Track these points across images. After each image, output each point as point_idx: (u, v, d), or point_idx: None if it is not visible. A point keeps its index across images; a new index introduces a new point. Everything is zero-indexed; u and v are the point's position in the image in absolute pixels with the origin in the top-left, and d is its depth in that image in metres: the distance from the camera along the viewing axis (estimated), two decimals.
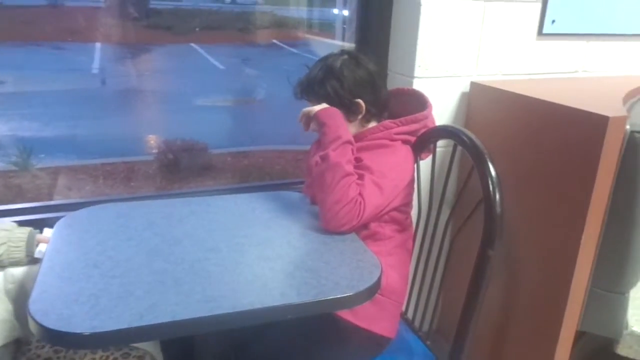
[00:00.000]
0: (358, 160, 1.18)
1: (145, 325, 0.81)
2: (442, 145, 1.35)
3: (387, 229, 1.21)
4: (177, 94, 7.41)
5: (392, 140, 1.22)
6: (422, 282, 1.39)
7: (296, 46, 11.29)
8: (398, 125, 1.22)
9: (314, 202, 1.30)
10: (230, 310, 0.86)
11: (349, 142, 1.16)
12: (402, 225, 1.26)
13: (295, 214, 1.23)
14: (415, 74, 1.46)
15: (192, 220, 1.18)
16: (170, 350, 1.24)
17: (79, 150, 4.27)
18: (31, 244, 1.20)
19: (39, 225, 1.26)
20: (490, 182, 1.06)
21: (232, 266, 0.99)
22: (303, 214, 1.24)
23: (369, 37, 1.55)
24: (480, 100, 1.51)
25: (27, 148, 3.84)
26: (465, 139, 1.17)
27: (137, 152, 4.47)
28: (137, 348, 1.16)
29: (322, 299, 0.90)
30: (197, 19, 13.87)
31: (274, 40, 11.94)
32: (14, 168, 3.53)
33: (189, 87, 7.90)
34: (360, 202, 1.09)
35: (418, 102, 1.29)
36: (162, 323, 0.82)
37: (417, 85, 1.46)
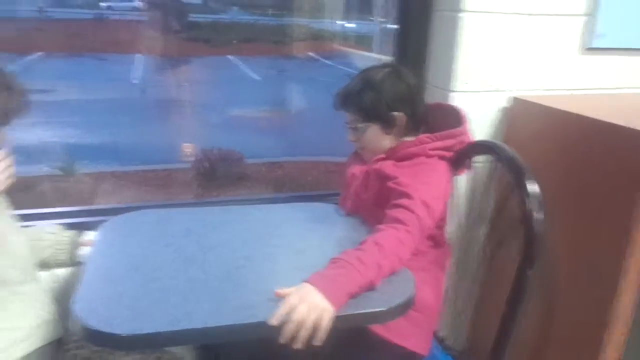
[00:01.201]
0: (393, 178, 1.16)
1: (181, 330, 0.83)
2: (479, 161, 1.34)
3: (422, 245, 1.19)
4: (214, 104, 7.57)
5: (428, 156, 1.21)
6: (456, 299, 1.36)
7: (331, 58, 11.38)
8: (433, 141, 1.21)
9: (349, 214, 1.30)
10: (265, 320, 0.86)
11: (368, 281, 0.97)
12: (437, 242, 1.24)
13: (330, 226, 1.24)
14: (454, 88, 1.45)
15: (228, 229, 1.19)
16: (205, 355, 1.26)
17: (120, 157, 4.40)
18: (75, 246, 1.24)
19: (83, 228, 1.30)
20: (530, 200, 1.04)
21: (267, 275, 1.00)
22: (338, 225, 1.25)
23: (407, 50, 1.54)
24: (521, 115, 1.49)
25: (72, 154, 4.00)
26: (504, 155, 1.15)
27: (174, 159, 4.59)
28: (171, 352, 1.18)
29: (355, 312, 0.90)
30: (235, 32, 14.20)
31: (309, 53, 12.08)
32: (59, 173, 3.67)
33: (225, 98, 8.08)
34: (406, 230, 1.05)
35: (455, 118, 1.28)
36: (198, 329, 0.83)
37: (456, 99, 1.45)
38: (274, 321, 0.85)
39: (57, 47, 10.77)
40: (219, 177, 3.74)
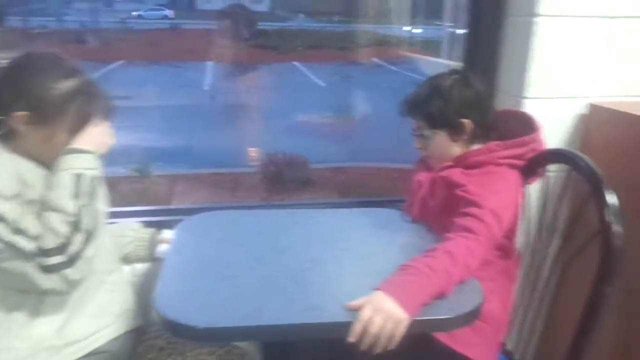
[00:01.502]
0: (462, 186, 1.15)
1: (251, 326, 0.87)
2: (553, 170, 1.29)
3: (490, 255, 1.16)
4: (280, 109, 7.75)
5: (497, 164, 1.18)
6: (526, 312, 1.32)
7: (397, 64, 11.31)
8: (502, 149, 1.19)
9: (415, 221, 1.30)
10: (331, 320, 0.89)
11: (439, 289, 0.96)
12: (506, 252, 1.21)
13: (394, 232, 1.24)
14: (527, 95, 1.41)
15: (296, 231, 1.23)
16: (271, 352, 1.30)
17: (191, 160, 4.62)
18: (153, 243, 1.32)
19: (158, 226, 1.39)
20: (608, 211, 1.00)
21: (333, 278, 1.02)
22: (403, 231, 1.25)
23: (477, 56, 1.52)
24: (598, 123, 1.42)
25: (147, 157, 4.24)
26: (580, 163, 1.11)
27: (241, 163, 4.75)
28: (238, 346, 1.23)
29: (420, 319, 0.90)
30: (301, 39, 14.46)
31: (375, 59, 12.07)
32: (135, 174, 3.91)
33: (290, 104, 8.25)
34: (476, 239, 1.04)
35: (527, 125, 1.24)
36: (267, 325, 0.87)
37: (528, 105, 1.41)
38: (352, 338, 0.87)
39: (136, 56, 11.47)
40: (285, 181, 3.83)
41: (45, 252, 0.92)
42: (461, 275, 0.99)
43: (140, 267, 1.36)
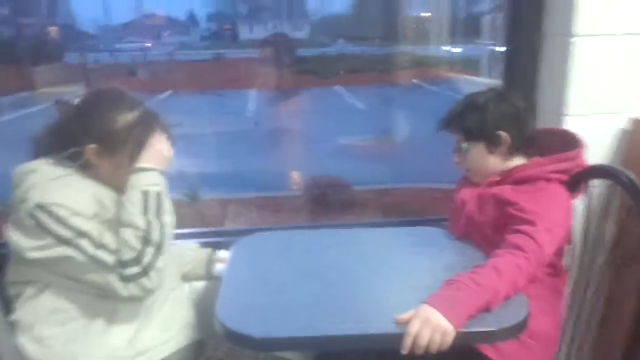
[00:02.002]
0: (514, 204, 1.16)
1: (305, 337, 0.94)
2: (596, 185, 1.30)
3: (539, 272, 1.17)
4: (322, 133, 7.88)
5: (548, 180, 1.20)
6: (574, 329, 1.32)
7: (437, 84, 11.30)
8: (551, 163, 1.20)
9: (460, 238, 1.33)
10: (379, 332, 0.94)
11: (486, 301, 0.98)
12: (556, 269, 1.22)
13: (439, 248, 1.28)
14: (567, 112, 1.43)
15: (343, 249, 1.29)
16: None
17: (236, 184, 4.77)
18: (211, 263, 1.42)
19: (211, 246, 1.47)
20: None
21: (381, 293, 1.07)
22: (447, 248, 1.29)
23: (517, 75, 1.55)
24: None
25: (196, 182, 4.43)
26: (624, 179, 1.12)
27: (285, 187, 4.87)
28: None
29: (466, 330, 0.94)
30: (341, 63, 14.72)
31: (414, 80, 12.11)
32: (185, 199, 4.09)
33: (332, 127, 8.37)
34: (525, 257, 1.05)
35: (568, 142, 1.26)
36: (319, 336, 0.94)
37: (569, 123, 1.43)
38: (404, 351, 0.91)
39: (183, 86, 12.00)
40: (328, 204, 3.90)
41: (123, 264, 1.02)
42: (507, 291, 1.01)
43: (198, 284, 1.45)
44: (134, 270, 1.03)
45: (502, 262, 1.04)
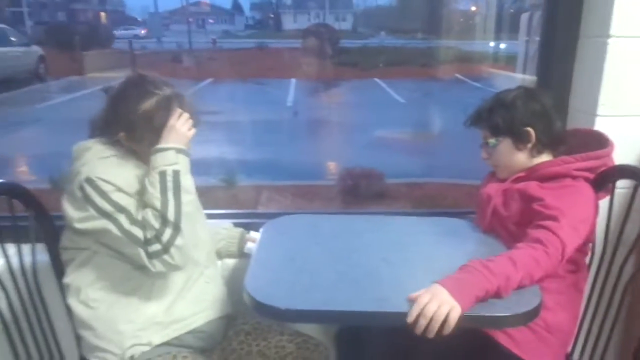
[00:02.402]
0: (539, 199, 1.18)
1: (328, 310, 1.01)
2: (621, 186, 1.31)
3: (561, 269, 1.19)
4: (360, 125, 7.90)
5: (573, 177, 1.21)
6: (591, 324, 1.34)
7: (480, 80, 11.08)
8: (578, 161, 1.21)
9: (485, 232, 1.35)
10: (396, 310, 1.00)
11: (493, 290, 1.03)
12: (577, 265, 1.24)
13: (463, 239, 1.32)
14: (598, 112, 1.43)
15: (370, 235, 1.35)
16: (343, 345, 1.42)
17: (274, 172, 4.89)
18: (242, 241, 1.50)
19: (245, 227, 1.56)
20: None
21: (402, 276, 1.13)
22: (471, 239, 1.33)
23: (551, 73, 1.56)
24: None
25: (233, 168, 4.57)
26: None
27: (320, 176, 4.95)
28: (314, 337, 1.37)
29: (483, 314, 0.99)
30: (382, 56, 14.63)
31: (457, 75, 11.91)
32: (222, 184, 4.24)
33: (370, 119, 8.37)
34: (544, 251, 1.07)
35: (597, 142, 1.27)
36: (339, 311, 1.01)
37: (600, 123, 1.43)
38: (409, 319, 0.97)
39: (225, 74, 12.22)
40: (360, 195, 3.95)
41: (147, 242, 1.10)
42: (521, 281, 1.04)
43: (230, 262, 1.54)
44: (155, 247, 1.10)
45: (519, 254, 1.08)
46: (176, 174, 1.14)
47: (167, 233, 1.11)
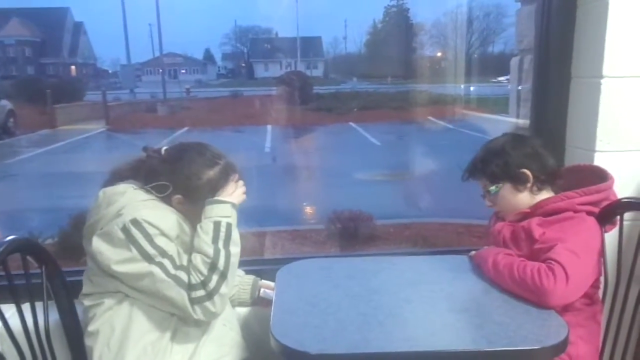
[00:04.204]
0: (541, 235, 1.22)
1: (359, 353, 1.00)
2: (629, 219, 1.36)
3: (577, 302, 1.22)
4: (338, 168, 8.00)
5: (576, 211, 1.25)
6: (611, 357, 1.35)
7: (452, 122, 11.44)
8: (580, 195, 1.26)
9: None
10: (425, 349, 1.00)
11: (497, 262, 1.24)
12: (592, 299, 1.26)
13: (476, 275, 1.33)
14: (597, 148, 1.49)
15: (384, 275, 1.36)
16: None
17: (258, 218, 4.86)
18: (255, 288, 1.49)
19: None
20: None
21: (425, 315, 1.14)
22: (484, 275, 1.34)
23: (546, 112, 1.63)
24: None
25: None
26: None
27: (305, 221, 4.94)
28: None
29: (512, 348, 1.00)
30: (356, 101, 15.01)
31: (429, 117, 12.28)
32: None
33: (348, 163, 8.49)
34: (546, 268, 1.12)
35: (597, 177, 1.31)
36: (371, 353, 1.00)
37: (599, 158, 1.49)
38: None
39: (201, 122, 12.28)
40: (350, 237, 3.96)
41: (191, 287, 1.11)
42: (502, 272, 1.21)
43: (242, 310, 1.52)
44: (199, 293, 1.11)
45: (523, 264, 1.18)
46: (229, 226, 1.19)
47: (214, 280, 1.12)
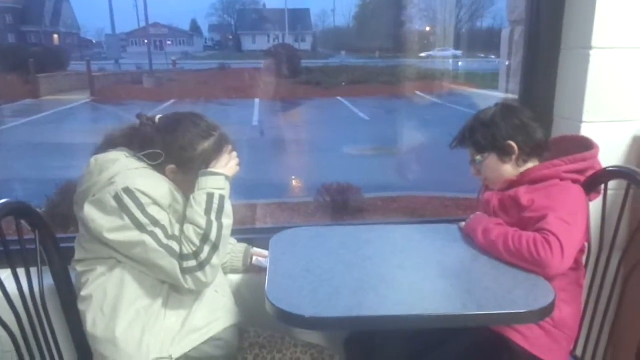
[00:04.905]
0: (529, 201, 1.26)
1: (351, 316, 1.02)
2: (612, 187, 1.39)
3: None
4: (326, 142, 8.00)
5: (562, 179, 1.29)
6: (592, 320, 1.41)
7: (440, 97, 11.44)
8: (566, 163, 1.29)
9: None
10: (417, 313, 1.03)
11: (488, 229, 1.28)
12: (577, 263, 1.30)
13: (466, 243, 1.36)
14: (584, 119, 1.53)
15: (376, 243, 1.38)
16: (353, 352, 1.43)
17: (248, 191, 4.87)
18: (247, 256, 1.51)
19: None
20: None
21: (417, 280, 1.16)
22: (474, 243, 1.37)
23: (535, 84, 1.65)
24: None
25: None
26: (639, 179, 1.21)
27: (293, 194, 4.96)
28: (326, 347, 1.38)
29: (501, 311, 1.03)
30: (343, 75, 14.87)
31: (417, 92, 12.26)
32: None
33: (336, 137, 8.48)
34: (542, 239, 1.14)
35: (582, 146, 1.35)
36: (364, 316, 1.02)
37: (585, 129, 1.52)
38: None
39: (187, 95, 12.09)
40: (339, 210, 3.99)
41: (183, 257, 1.12)
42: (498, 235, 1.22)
43: (234, 277, 1.54)
44: (190, 263, 1.13)
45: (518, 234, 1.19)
46: (222, 197, 1.20)
47: (206, 251, 1.14)
